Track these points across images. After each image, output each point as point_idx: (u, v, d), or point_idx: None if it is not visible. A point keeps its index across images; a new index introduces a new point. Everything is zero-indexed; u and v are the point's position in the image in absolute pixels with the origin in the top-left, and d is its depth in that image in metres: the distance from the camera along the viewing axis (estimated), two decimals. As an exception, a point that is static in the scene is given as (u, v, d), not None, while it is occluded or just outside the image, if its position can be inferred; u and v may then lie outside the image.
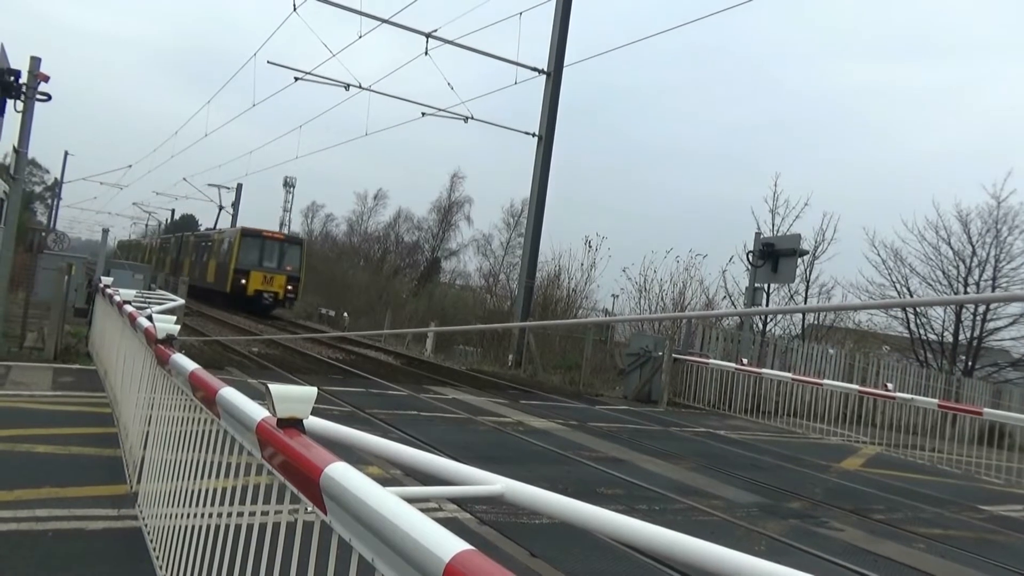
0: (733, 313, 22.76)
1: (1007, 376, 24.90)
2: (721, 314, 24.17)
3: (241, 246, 30.40)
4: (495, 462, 7.37)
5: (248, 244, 30.75)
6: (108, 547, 4.22)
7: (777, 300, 24.03)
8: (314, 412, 2.33)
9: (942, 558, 6.42)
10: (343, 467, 1.81)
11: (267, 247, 31.15)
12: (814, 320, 26.21)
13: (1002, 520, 8.77)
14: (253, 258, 30.49)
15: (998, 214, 23.81)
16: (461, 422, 10.33)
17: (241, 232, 31.40)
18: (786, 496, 8.17)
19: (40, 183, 68.31)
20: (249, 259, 30.36)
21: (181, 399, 3.75)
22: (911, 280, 25.13)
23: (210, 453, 3.07)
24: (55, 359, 10.88)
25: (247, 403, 2.62)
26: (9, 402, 7.76)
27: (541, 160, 19.28)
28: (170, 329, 4.53)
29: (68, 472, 5.43)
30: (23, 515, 4.45)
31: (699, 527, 6.19)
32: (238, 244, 30.39)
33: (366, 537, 1.62)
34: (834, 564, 5.66)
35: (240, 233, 31.31)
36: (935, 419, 14.27)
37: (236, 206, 45.34)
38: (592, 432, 10.83)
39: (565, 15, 18.83)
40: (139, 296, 8.89)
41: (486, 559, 1.28)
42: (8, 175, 12.31)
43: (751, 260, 17.55)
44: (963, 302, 25.11)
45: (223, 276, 31.04)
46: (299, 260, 32.05)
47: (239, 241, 30.55)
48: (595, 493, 6.94)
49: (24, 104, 10.65)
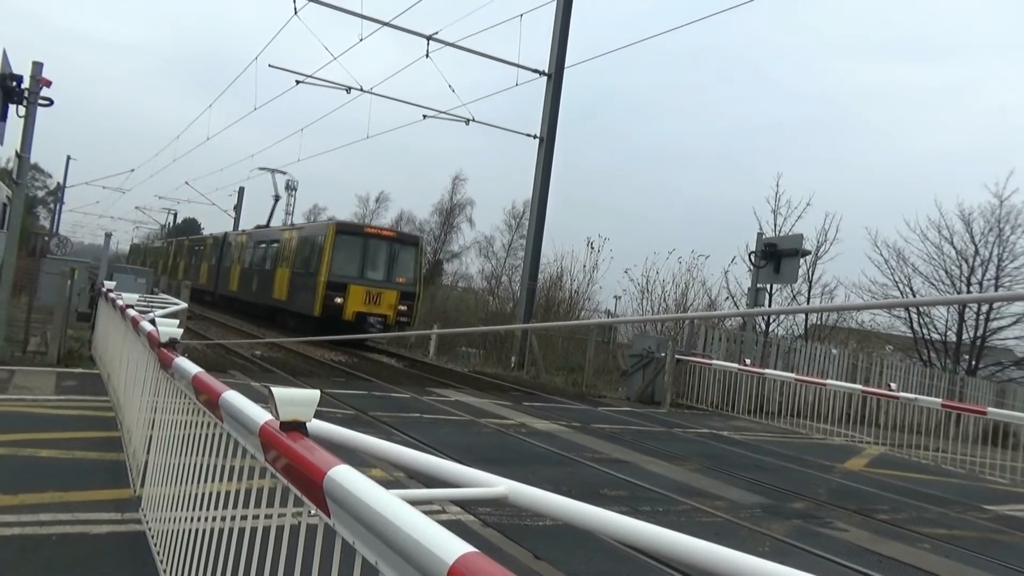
0: (736, 314, 22.72)
1: (1011, 375, 24.84)
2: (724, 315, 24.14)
3: (335, 247, 21.26)
4: (498, 464, 7.36)
5: (345, 245, 21.55)
6: (112, 551, 4.23)
7: (780, 300, 24.00)
8: (317, 415, 2.33)
9: (947, 558, 6.40)
10: (346, 470, 1.81)
11: (371, 250, 22.03)
12: (817, 320, 26.18)
13: (1007, 520, 8.75)
14: (352, 266, 21.50)
15: (1000, 213, 23.74)
16: (464, 424, 10.32)
17: (336, 228, 22.03)
18: (790, 497, 8.15)
19: (43, 188, 68.44)
20: (347, 267, 21.36)
21: (184, 403, 3.75)
22: (914, 280, 25.07)
23: (213, 456, 3.07)
24: (58, 363, 10.89)
25: (250, 406, 2.62)
26: (12, 406, 7.77)
27: (542, 162, 19.29)
28: (173, 333, 4.54)
29: (72, 476, 5.44)
30: (27, 519, 4.46)
31: (703, 528, 6.17)
32: (331, 245, 21.25)
33: (369, 540, 1.62)
34: (838, 565, 5.65)
35: (334, 229, 21.85)
36: (939, 419, 14.26)
37: (238, 209, 45.43)
38: (595, 434, 10.82)
39: (566, 17, 18.85)
40: (142, 300, 8.90)
41: (490, 561, 1.28)
42: (11, 180, 12.34)
43: (753, 260, 17.53)
44: (966, 301, 25.05)
45: (307, 293, 21.71)
46: (414, 268, 22.78)
47: (332, 240, 21.32)
48: (598, 495, 6.93)
49: (26, 109, 10.68)
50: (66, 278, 12.05)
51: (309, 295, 21.36)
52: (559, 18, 18.81)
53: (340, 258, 21.21)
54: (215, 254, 34.31)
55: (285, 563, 2.19)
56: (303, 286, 22.11)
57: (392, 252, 22.33)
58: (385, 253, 22.20)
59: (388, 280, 21.92)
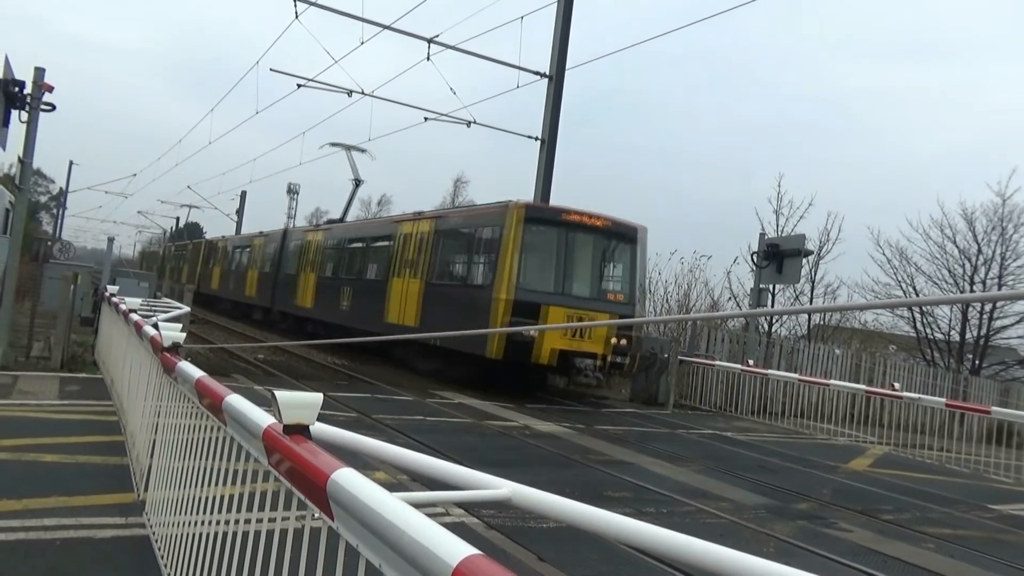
0: (739, 314, 22.69)
1: (1015, 374, 24.80)
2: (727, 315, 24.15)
3: (525, 246, 13.65)
4: (501, 466, 7.36)
5: (539, 241, 14.06)
6: (116, 556, 4.23)
7: (782, 301, 23.99)
8: (320, 418, 2.34)
9: (951, 558, 6.38)
10: (350, 473, 1.81)
11: (576, 248, 14.29)
12: (820, 320, 26.18)
13: (1012, 519, 8.73)
14: (548, 276, 13.94)
15: (1003, 212, 23.73)
16: (467, 426, 10.32)
17: (525, 212, 13.79)
18: (794, 497, 8.14)
19: (45, 193, 68.62)
20: (541, 277, 13.86)
21: (187, 406, 3.75)
22: (917, 279, 25.05)
23: (217, 460, 3.07)
24: (62, 368, 10.91)
25: (253, 410, 2.62)
26: (16, 411, 7.79)
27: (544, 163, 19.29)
28: (176, 337, 4.54)
29: (75, 481, 5.44)
30: (31, 524, 4.46)
31: (707, 529, 6.17)
32: (517, 241, 13.52)
33: (373, 543, 1.62)
34: (843, 565, 5.64)
35: (522, 215, 13.71)
36: (943, 418, 14.23)
37: (240, 213, 45.51)
38: (598, 435, 10.81)
39: (566, 19, 18.87)
40: (144, 305, 8.91)
41: (493, 564, 1.28)
42: (13, 185, 12.36)
43: (756, 261, 17.52)
44: (969, 300, 25.04)
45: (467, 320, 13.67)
46: (631, 277, 14.78)
47: (520, 233, 13.57)
48: (602, 496, 6.93)
49: (29, 114, 10.71)
50: (69, 283, 12.07)
51: (471, 324, 13.30)
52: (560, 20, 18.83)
53: (533, 263, 13.69)
54: (269, 258, 26.54)
55: (289, 566, 2.20)
56: (463, 308, 14.01)
57: (605, 252, 14.75)
58: (595, 254, 14.58)
59: (599, 297, 14.22)
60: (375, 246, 18.98)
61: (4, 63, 10.25)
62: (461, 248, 15.52)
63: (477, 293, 13.93)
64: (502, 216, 13.87)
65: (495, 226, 14.02)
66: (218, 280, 33.62)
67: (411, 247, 16.63)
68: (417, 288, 15.74)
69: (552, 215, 14.29)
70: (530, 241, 13.72)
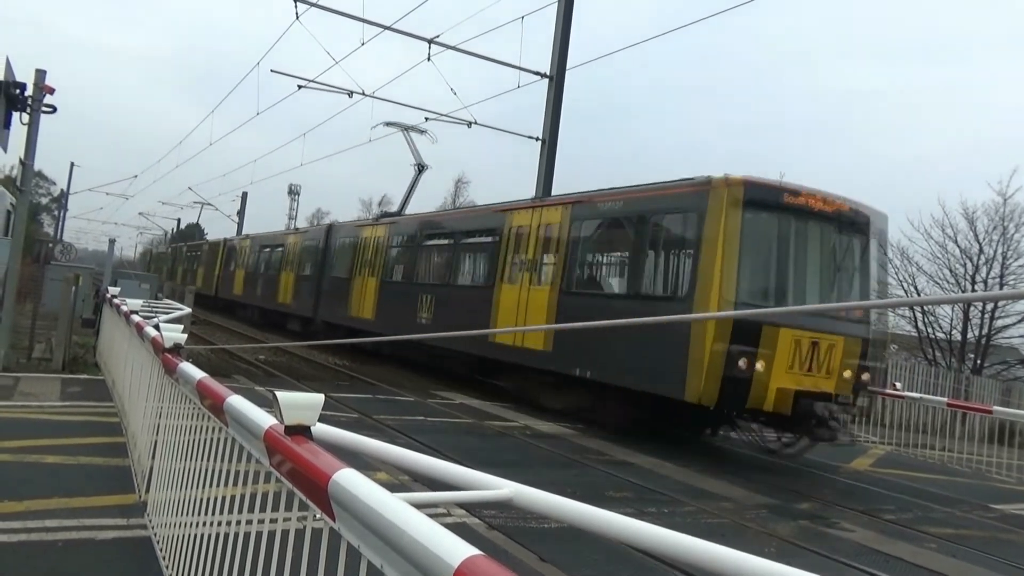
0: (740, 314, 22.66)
1: (1016, 374, 24.76)
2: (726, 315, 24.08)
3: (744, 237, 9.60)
4: (503, 466, 7.35)
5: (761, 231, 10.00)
6: (118, 557, 4.23)
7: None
8: (321, 419, 2.34)
9: (954, 558, 6.38)
10: (351, 473, 1.81)
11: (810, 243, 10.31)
12: (821, 320, 26.04)
13: (1013, 519, 8.72)
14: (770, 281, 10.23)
15: (1004, 211, 23.66)
16: (468, 427, 10.32)
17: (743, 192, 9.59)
18: (796, 497, 8.14)
19: (46, 194, 68.65)
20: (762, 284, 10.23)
21: (189, 408, 3.76)
22: (918, 278, 25.00)
23: (218, 461, 3.07)
24: (63, 369, 10.91)
25: (255, 411, 2.63)
26: (18, 413, 7.79)
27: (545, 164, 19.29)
28: (177, 338, 4.55)
29: (77, 482, 5.45)
30: (33, 525, 4.46)
31: (709, 529, 6.16)
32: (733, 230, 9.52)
33: (375, 543, 1.62)
34: (845, 565, 5.63)
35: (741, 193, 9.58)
36: (945, 418, 14.20)
37: (241, 214, 45.56)
38: (599, 436, 10.80)
39: (567, 19, 18.87)
40: (145, 306, 8.92)
41: (495, 564, 1.28)
42: (15, 187, 12.38)
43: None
44: (971, 300, 24.99)
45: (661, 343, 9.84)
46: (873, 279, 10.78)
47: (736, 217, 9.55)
48: (604, 496, 6.92)
49: (30, 116, 10.71)
50: (70, 284, 12.08)
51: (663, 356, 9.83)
52: (560, 20, 18.83)
53: (753, 263, 9.96)
54: (310, 259, 22.89)
55: (291, 567, 2.20)
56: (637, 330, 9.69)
57: (846, 250, 10.68)
58: (834, 253, 10.63)
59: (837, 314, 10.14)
60: (469, 242, 15.30)
61: (5, 65, 10.26)
62: (622, 244, 11.77)
63: (659, 309, 10.10)
64: (704, 197, 9.80)
65: (690, 211, 10.07)
66: (241, 284, 29.52)
67: (530, 243, 12.87)
68: (544, 299, 12.03)
69: (776, 196, 9.87)
70: (750, 234, 9.71)
